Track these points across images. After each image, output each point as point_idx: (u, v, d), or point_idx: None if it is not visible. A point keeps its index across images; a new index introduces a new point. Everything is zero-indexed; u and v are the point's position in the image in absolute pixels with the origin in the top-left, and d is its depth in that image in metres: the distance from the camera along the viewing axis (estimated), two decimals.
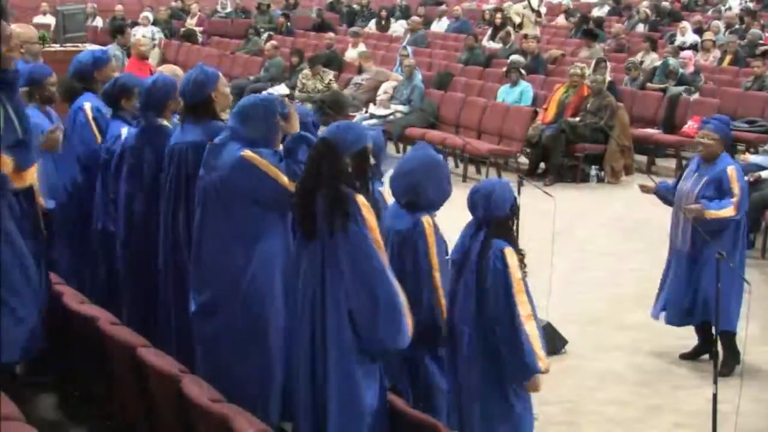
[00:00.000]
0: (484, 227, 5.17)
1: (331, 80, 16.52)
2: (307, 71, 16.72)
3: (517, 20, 21.84)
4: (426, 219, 5.37)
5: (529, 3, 21.89)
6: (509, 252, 5.14)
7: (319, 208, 4.79)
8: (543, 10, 22.48)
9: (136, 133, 6.24)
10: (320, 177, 4.82)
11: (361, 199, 4.81)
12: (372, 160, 5.04)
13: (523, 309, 5.07)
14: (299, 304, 4.91)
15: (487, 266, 5.10)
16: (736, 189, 7.42)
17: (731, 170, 7.46)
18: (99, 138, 6.84)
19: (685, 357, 7.84)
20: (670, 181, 8.04)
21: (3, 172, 5.34)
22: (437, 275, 5.33)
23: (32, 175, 5.57)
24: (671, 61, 15.85)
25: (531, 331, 5.08)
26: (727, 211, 7.37)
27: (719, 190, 7.43)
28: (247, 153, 5.21)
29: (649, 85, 15.60)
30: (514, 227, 5.60)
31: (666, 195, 7.85)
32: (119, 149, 6.33)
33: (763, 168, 10.81)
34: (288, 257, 5.16)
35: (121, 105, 6.68)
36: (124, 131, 6.51)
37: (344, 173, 4.84)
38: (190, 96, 5.79)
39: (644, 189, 7.98)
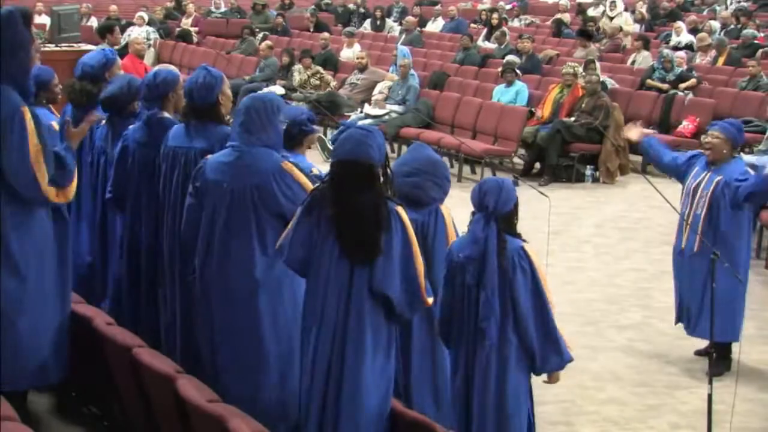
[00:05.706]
0: (493, 222, 5.12)
1: (321, 73, 16.68)
2: (299, 65, 16.94)
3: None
4: (445, 208, 5.47)
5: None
6: (529, 249, 5.17)
7: (362, 226, 4.69)
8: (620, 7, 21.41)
9: (141, 128, 6.07)
10: (363, 200, 4.69)
11: (401, 210, 4.77)
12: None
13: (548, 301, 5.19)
14: (317, 318, 4.80)
15: (513, 267, 5.09)
16: None
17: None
18: None
19: (701, 353, 7.77)
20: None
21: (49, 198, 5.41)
22: None
23: (73, 190, 5.60)
24: (665, 51, 15.87)
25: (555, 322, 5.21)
26: None
27: (735, 192, 7.36)
28: (287, 164, 5.20)
29: (648, 81, 15.59)
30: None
31: (648, 150, 7.85)
32: (120, 145, 6.14)
33: (757, 168, 10.82)
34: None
35: (133, 107, 6.53)
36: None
37: (381, 188, 4.77)
38: (198, 99, 5.67)
39: (631, 134, 7.99)
